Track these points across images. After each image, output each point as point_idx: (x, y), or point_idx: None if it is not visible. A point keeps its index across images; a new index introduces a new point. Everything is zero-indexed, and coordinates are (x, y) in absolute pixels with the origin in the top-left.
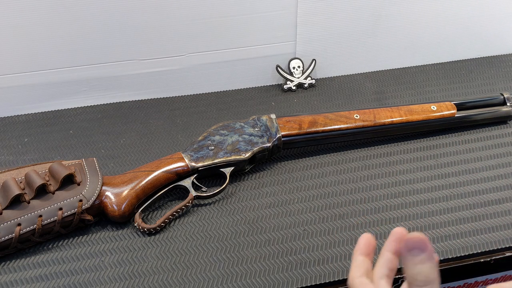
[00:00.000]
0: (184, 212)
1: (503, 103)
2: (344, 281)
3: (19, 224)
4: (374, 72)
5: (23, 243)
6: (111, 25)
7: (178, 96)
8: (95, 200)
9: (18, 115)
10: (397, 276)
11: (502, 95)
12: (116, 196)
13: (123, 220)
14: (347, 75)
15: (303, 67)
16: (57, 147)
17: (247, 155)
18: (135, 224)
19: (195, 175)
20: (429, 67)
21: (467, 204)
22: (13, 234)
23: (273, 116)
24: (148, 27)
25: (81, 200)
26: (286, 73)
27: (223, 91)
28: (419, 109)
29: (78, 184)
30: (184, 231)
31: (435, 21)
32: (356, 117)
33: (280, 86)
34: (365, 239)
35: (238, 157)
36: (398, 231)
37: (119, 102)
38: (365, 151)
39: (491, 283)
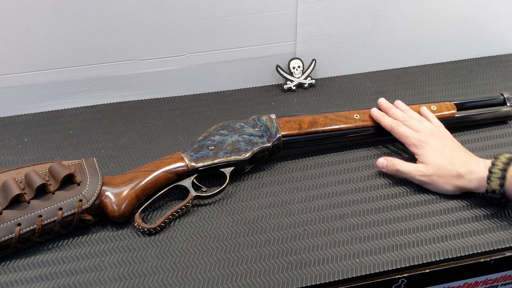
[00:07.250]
0: (184, 212)
1: (503, 103)
2: (344, 281)
3: (19, 224)
4: (374, 72)
5: (23, 243)
6: (111, 25)
7: (178, 96)
8: (95, 200)
9: (18, 115)
10: (397, 276)
11: (502, 95)
12: (116, 196)
13: (123, 220)
14: (347, 75)
15: (303, 67)
16: (57, 147)
17: (247, 155)
18: (135, 224)
19: (195, 175)
20: (429, 67)
21: (467, 204)
22: (13, 234)
23: (273, 116)
24: (148, 27)
25: (81, 200)
26: (286, 73)
27: (223, 91)
28: (419, 109)
29: (78, 184)
30: (184, 231)
31: (435, 21)
32: (356, 117)
33: (280, 86)
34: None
35: (238, 157)
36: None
37: (119, 102)
38: (365, 151)
39: (491, 283)
